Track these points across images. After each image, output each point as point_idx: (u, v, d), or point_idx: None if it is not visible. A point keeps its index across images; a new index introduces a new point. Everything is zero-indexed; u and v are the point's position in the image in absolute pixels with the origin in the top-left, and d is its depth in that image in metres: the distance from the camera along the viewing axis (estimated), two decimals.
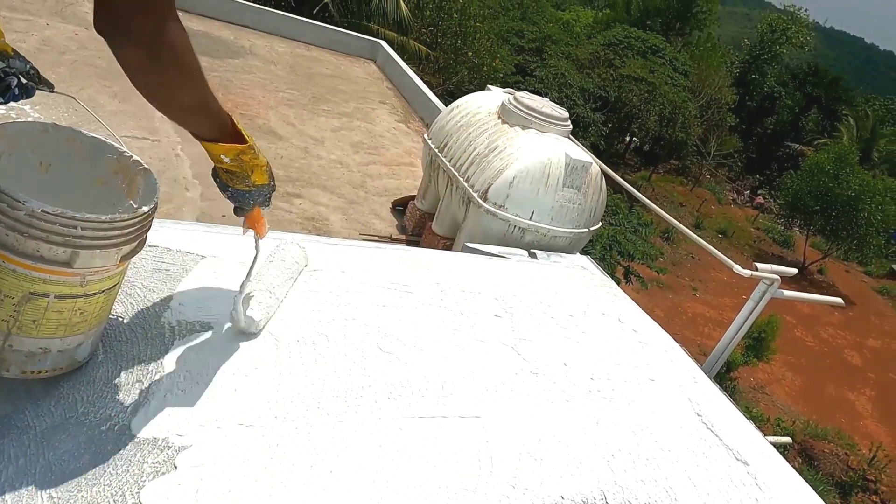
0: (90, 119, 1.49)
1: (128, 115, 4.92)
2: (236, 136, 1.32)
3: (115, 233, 1.19)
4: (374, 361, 1.44)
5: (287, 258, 1.71)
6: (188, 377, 1.38)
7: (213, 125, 1.29)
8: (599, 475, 1.40)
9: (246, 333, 1.52)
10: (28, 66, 1.24)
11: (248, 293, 1.56)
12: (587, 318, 1.69)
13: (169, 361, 1.40)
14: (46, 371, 1.27)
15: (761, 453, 1.60)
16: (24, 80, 1.23)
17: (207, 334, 1.49)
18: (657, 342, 1.77)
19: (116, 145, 1.37)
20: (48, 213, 1.10)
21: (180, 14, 1.13)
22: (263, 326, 1.56)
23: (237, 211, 1.45)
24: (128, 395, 1.29)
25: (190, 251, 1.74)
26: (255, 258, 1.52)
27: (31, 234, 1.11)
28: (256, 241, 1.52)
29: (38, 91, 1.29)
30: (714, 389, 1.78)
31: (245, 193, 1.38)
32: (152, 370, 1.37)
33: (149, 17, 1.08)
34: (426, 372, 1.43)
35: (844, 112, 35.97)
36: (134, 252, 1.28)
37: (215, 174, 1.37)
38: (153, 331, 1.46)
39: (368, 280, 1.70)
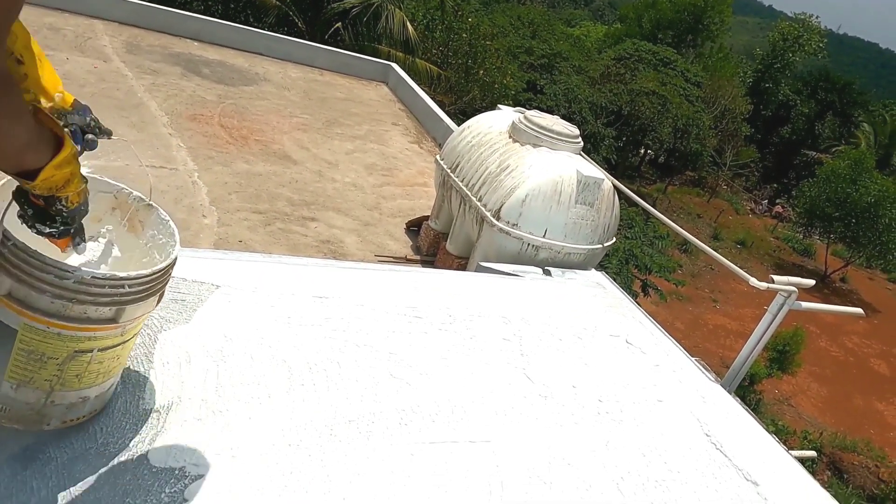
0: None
1: (145, 144, 5.03)
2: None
3: (156, 283, 1.22)
4: (386, 387, 1.47)
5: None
6: (204, 406, 1.41)
7: (41, 151, 1.06)
8: (609, 498, 1.41)
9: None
10: (88, 119, 1.20)
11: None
12: (596, 339, 1.70)
13: (186, 390, 1.43)
14: (84, 416, 1.30)
15: (775, 471, 1.60)
16: (88, 136, 1.18)
17: (223, 363, 1.52)
18: (666, 363, 1.77)
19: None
20: (97, 277, 1.12)
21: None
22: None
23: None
24: (145, 425, 1.33)
25: (205, 280, 1.78)
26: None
27: (78, 300, 1.13)
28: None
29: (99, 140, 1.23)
30: (727, 407, 1.78)
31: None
32: (169, 400, 1.41)
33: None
34: (436, 397, 1.45)
35: (860, 118, 35.54)
36: (164, 293, 1.31)
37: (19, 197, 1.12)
38: (170, 361, 1.50)
39: (379, 306, 1.72)
